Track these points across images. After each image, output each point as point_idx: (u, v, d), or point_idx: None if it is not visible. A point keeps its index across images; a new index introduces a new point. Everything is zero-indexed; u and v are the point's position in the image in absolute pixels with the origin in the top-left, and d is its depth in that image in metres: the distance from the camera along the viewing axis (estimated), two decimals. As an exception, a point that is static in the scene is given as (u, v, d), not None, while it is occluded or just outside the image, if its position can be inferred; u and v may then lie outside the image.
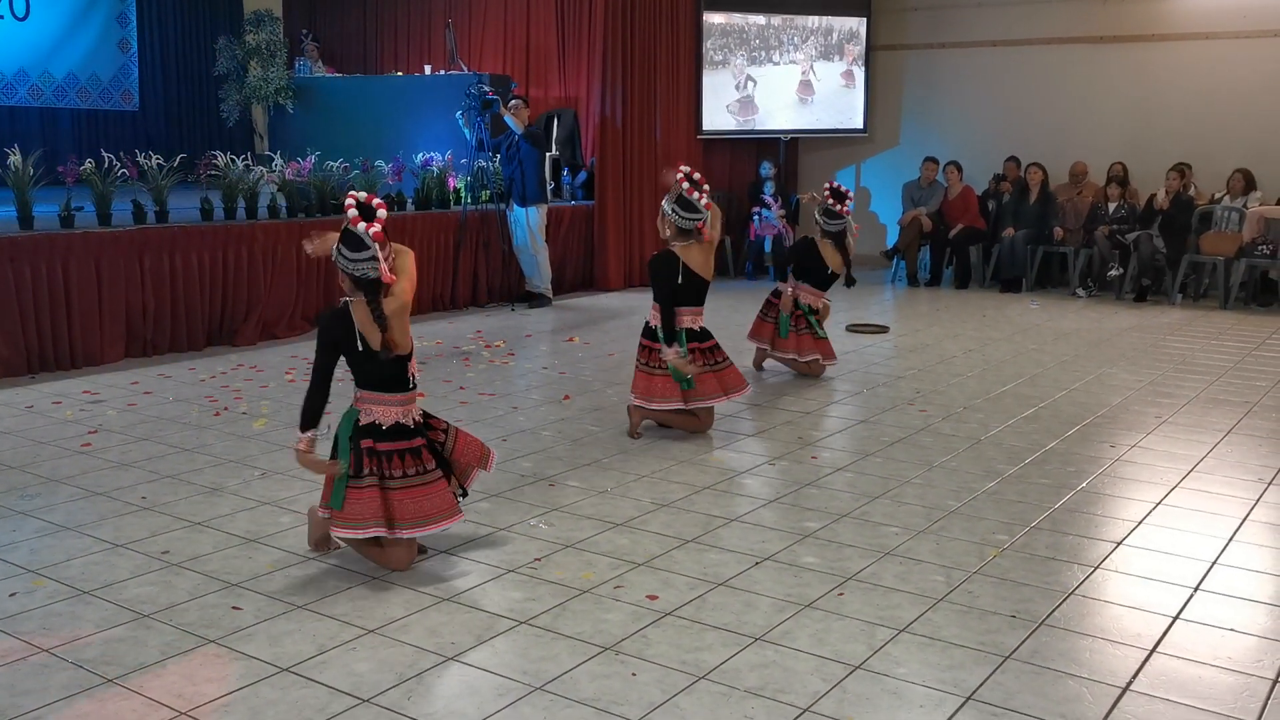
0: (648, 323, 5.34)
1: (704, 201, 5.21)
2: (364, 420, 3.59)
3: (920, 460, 4.92)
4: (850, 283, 6.90)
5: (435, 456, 3.68)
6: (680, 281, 5.19)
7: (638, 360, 5.34)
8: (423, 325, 8.17)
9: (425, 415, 3.77)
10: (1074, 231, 10.54)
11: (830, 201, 6.67)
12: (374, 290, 3.49)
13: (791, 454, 5.03)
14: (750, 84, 11.82)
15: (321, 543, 3.76)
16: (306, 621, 3.22)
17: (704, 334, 5.36)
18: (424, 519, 3.55)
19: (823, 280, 6.68)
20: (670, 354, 5.13)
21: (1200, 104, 10.74)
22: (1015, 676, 2.93)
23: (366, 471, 3.52)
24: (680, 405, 5.22)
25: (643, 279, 10.29)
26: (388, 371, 3.58)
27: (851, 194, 6.83)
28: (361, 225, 3.47)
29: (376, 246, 3.47)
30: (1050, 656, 3.05)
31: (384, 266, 3.49)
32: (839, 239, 6.69)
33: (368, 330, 3.52)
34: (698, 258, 5.23)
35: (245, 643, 3.09)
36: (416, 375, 3.69)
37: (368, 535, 3.51)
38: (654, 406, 5.24)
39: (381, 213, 3.51)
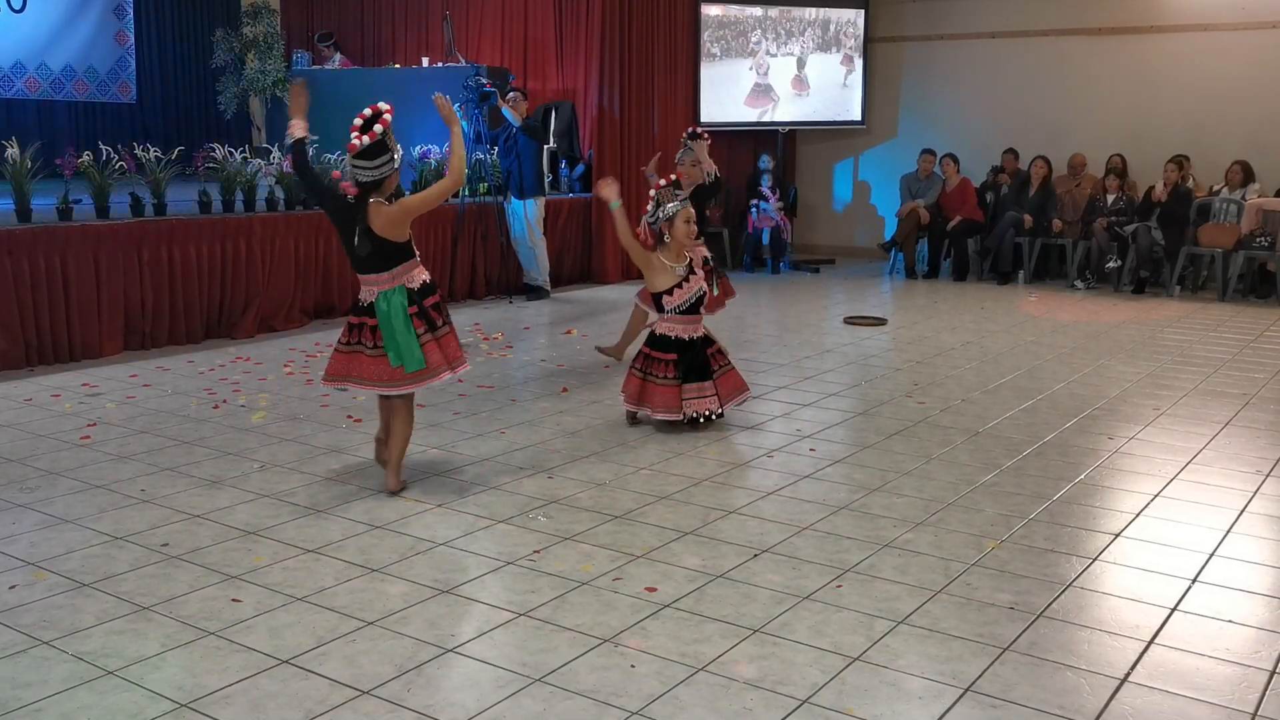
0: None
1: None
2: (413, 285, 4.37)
3: (918, 452, 4.93)
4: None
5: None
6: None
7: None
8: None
9: None
10: (1072, 224, 10.55)
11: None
12: (369, 193, 4.34)
13: (789, 446, 5.03)
14: (765, 73, 11.87)
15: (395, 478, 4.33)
16: (306, 614, 3.23)
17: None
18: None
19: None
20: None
21: (1198, 96, 10.74)
22: (1014, 668, 2.94)
23: (440, 323, 4.28)
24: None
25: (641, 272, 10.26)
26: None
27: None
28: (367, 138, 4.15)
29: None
30: (1048, 648, 3.06)
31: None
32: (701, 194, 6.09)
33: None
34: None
35: (245, 635, 3.09)
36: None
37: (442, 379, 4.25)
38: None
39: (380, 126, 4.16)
